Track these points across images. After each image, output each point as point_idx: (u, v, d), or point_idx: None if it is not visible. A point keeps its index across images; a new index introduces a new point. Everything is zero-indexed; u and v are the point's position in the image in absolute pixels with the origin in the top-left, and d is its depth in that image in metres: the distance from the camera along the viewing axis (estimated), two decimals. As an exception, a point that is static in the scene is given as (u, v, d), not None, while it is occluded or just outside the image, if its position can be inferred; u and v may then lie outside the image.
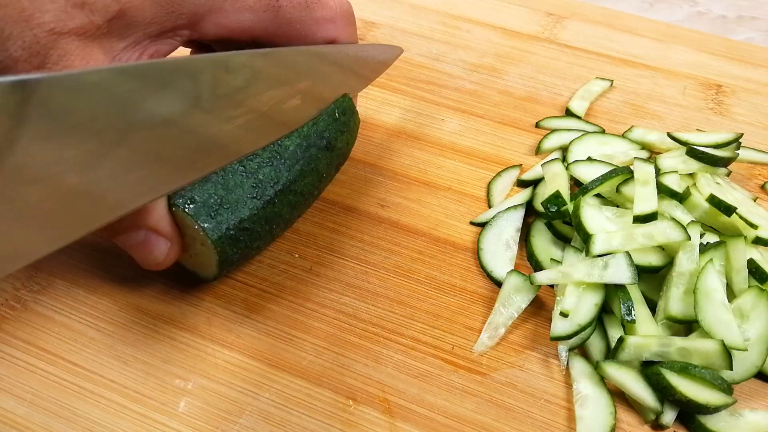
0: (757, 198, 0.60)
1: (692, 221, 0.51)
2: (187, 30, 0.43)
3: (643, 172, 0.53)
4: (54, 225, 0.33)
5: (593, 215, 0.52)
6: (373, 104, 0.69)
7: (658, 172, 0.54)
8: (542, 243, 0.54)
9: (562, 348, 0.48)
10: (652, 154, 0.63)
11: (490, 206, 0.59)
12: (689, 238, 0.48)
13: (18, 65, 0.37)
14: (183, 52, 0.51)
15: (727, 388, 0.44)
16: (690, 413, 0.44)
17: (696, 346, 0.45)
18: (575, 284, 0.48)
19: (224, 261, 0.47)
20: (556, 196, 0.53)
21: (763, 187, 0.62)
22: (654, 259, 0.49)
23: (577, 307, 0.47)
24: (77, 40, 0.38)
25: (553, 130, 0.65)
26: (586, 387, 0.46)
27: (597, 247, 0.49)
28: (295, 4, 0.47)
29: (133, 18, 0.40)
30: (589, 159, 0.58)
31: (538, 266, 0.53)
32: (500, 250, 0.55)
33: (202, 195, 0.45)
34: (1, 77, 0.27)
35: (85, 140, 0.32)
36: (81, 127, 0.31)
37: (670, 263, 0.49)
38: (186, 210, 0.44)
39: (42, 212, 0.31)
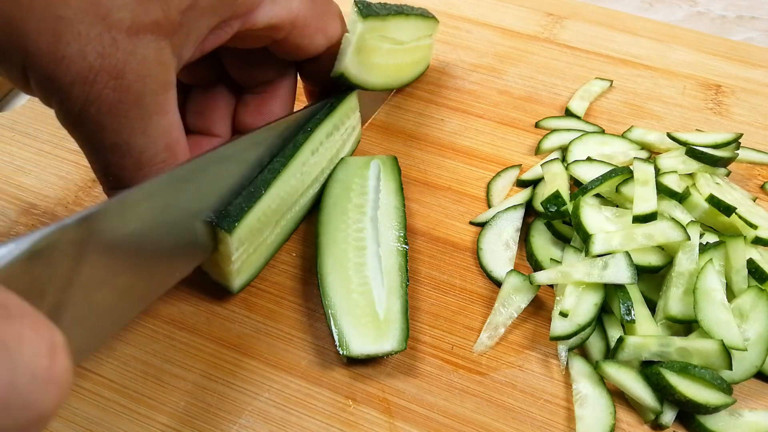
0: (757, 198, 0.60)
1: (692, 221, 0.51)
2: (240, 20, 0.42)
3: (643, 172, 0.53)
4: (113, 314, 0.37)
5: (593, 215, 0.52)
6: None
7: (657, 172, 0.54)
8: (542, 243, 0.54)
9: (562, 348, 0.48)
10: (652, 154, 0.63)
11: (489, 206, 0.59)
12: (689, 238, 0.48)
13: (98, 78, 0.35)
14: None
15: (726, 388, 0.44)
16: (689, 413, 0.45)
17: (695, 346, 0.45)
18: (575, 284, 0.48)
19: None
20: (556, 196, 0.53)
21: (762, 187, 0.62)
22: (653, 259, 0.49)
23: (576, 307, 0.48)
24: (153, 42, 0.36)
25: (553, 130, 0.65)
26: (585, 387, 0.46)
27: (596, 247, 0.49)
28: None
29: (202, 7, 0.39)
30: (589, 159, 0.58)
31: (537, 266, 0.53)
32: (500, 250, 0.55)
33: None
34: (68, 219, 0.31)
35: (130, 253, 0.36)
36: (127, 243, 0.36)
37: (669, 263, 0.49)
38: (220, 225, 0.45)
39: (106, 307, 0.36)
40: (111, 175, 0.39)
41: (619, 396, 0.46)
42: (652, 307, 0.49)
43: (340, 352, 0.45)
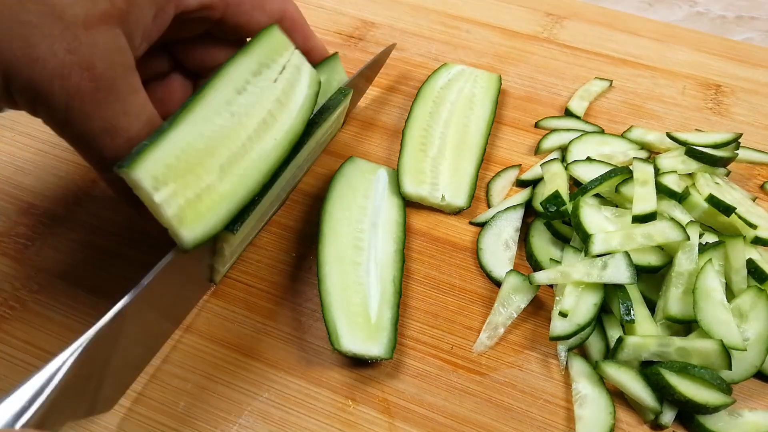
0: (756, 198, 0.60)
1: (691, 221, 0.51)
2: (173, 3, 0.44)
3: (642, 172, 0.53)
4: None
5: (592, 215, 0.52)
6: (373, 104, 0.69)
7: (657, 172, 0.54)
8: (541, 243, 0.54)
9: (562, 348, 0.48)
10: (651, 154, 0.63)
11: (489, 206, 0.59)
12: (688, 238, 0.48)
13: (72, 72, 0.37)
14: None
15: (726, 388, 0.44)
16: (689, 413, 0.45)
17: (695, 346, 0.45)
18: (574, 284, 0.48)
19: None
20: (556, 196, 0.53)
21: (762, 187, 0.62)
22: (653, 259, 0.49)
23: (576, 307, 0.48)
24: (108, 31, 0.39)
25: (553, 130, 0.65)
26: (585, 387, 0.46)
27: (596, 247, 0.49)
28: None
29: None
30: (589, 159, 0.58)
31: (537, 266, 0.53)
32: (499, 250, 0.55)
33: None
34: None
35: None
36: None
37: (669, 263, 0.49)
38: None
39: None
40: (107, 159, 0.42)
41: (618, 396, 0.46)
42: (651, 307, 0.49)
43: (331, 347, 0.45)
